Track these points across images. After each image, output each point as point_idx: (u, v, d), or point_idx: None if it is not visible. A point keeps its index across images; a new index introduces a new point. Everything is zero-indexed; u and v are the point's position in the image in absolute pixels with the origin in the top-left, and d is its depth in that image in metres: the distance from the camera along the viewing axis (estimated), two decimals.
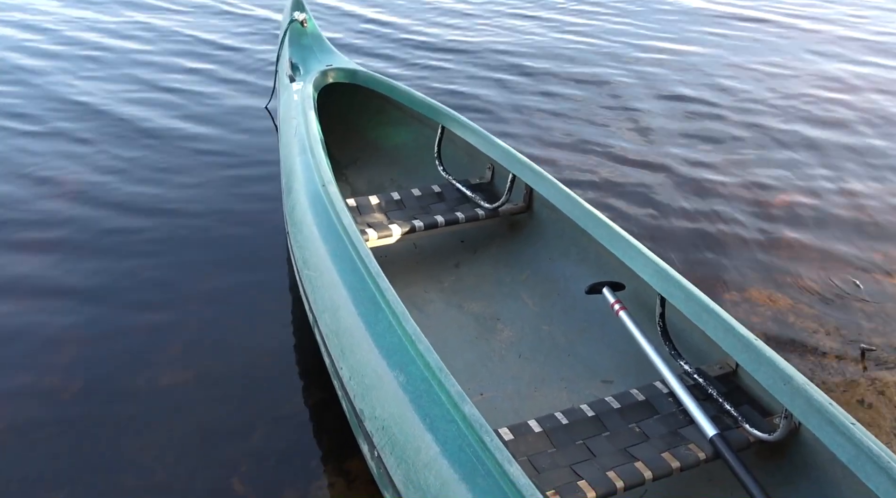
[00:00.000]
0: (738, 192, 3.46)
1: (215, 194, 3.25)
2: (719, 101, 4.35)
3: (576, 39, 5.17)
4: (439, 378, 1.64)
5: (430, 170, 3.08)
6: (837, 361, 2.54)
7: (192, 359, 2.38)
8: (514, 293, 2.60)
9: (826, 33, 5.55)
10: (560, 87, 4.42)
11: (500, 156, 2.69)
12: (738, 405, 1.91)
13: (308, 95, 2.84)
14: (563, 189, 2.45)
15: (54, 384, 2.27)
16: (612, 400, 1.96)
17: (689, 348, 2.13)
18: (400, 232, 2.56)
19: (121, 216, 3.06)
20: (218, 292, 2.67)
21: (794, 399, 1.71)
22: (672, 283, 2.04)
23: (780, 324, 2.67)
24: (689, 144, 3.85)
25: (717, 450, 1.78)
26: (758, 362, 1.80)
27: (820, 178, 3.61)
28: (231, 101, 4.07)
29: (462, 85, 4.38)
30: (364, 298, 1.91)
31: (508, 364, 2.34)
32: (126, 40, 4.81)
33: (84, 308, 2.57)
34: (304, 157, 2.50)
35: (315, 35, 3.39)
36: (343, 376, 1.89)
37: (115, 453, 2.07)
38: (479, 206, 2.72)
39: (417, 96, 3.03)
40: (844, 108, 4.36)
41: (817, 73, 4.80)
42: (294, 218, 2.37)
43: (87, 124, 3.76)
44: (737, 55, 5.04)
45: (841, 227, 3.25)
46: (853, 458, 1.56)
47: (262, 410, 2.22)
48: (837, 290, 2.86)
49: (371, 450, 1.76)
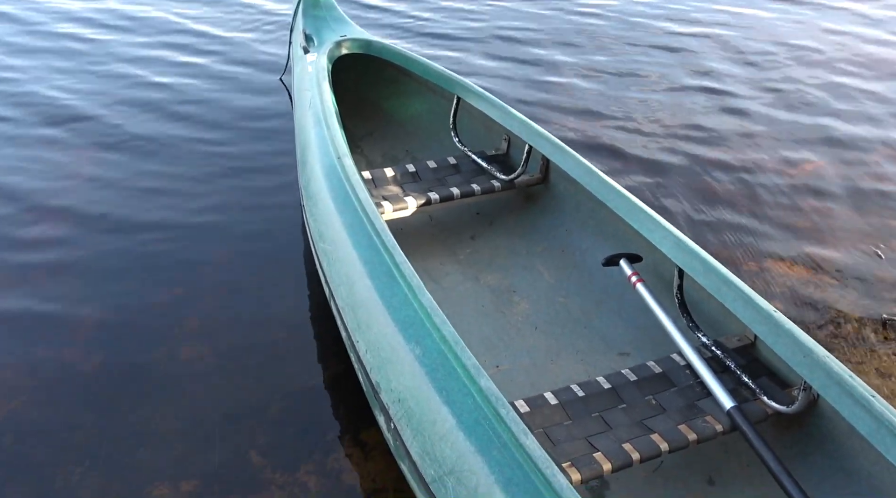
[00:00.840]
0: (762, 161, 3.40)
1: (229, 170, 3.24)
2: (740, 73, 4.26)
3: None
4: (455, 351, 1.63)
5: (446, 141, 3.06)
6: (857, 331, 2.51)
7: (209, 333, 2.40)
8: (531, 265, 2.59)
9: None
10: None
11: (517, 127, 2.66)
12: (756, 377, 1.90)
13: (322, 67, 2.82)
14: (581, 160, 2.42)
15: (75, 358, 2.30)
16: (629, 372, 1.95)
17: (707, 320, 2.12)
18: (415, 204, 2.55)
19: (138, 195, 3.07)
20: (234, 267, 2.68)
21: (812, 371, 1.69)
22: (691, 254, 2.01)
23: (800, 294, 2.64)
24: (713, 114, 3.79)
25: (735, 422, 1.78)
26: (777, 334, 1.78)
27: (843, 148, 3.54)
28: (244, 76, 4.05)
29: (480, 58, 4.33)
30: (380, 271, 1.91)
31: (524, 336, 2.34)
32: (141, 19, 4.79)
33: (103, 285, 2.59)
34: (319, 130, 2.48)
35: (329, 5, 3.35)
36: (359, 349, 1.90)
37: (134, 426, 2.09)
38: (494, 177, 2.70)
39: (433, 66, 3.00)
40: (868, 81, 4.26)
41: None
42: (309, 191, 2.36)
43: (101, 104, 3.76)
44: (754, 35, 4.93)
45: (863, 196, 3.19)
46: (873, 431, 1.55)
47: (280, 382, 2.23)
48: (859, 260, 2.82)
49: (387, 422, 1.77)
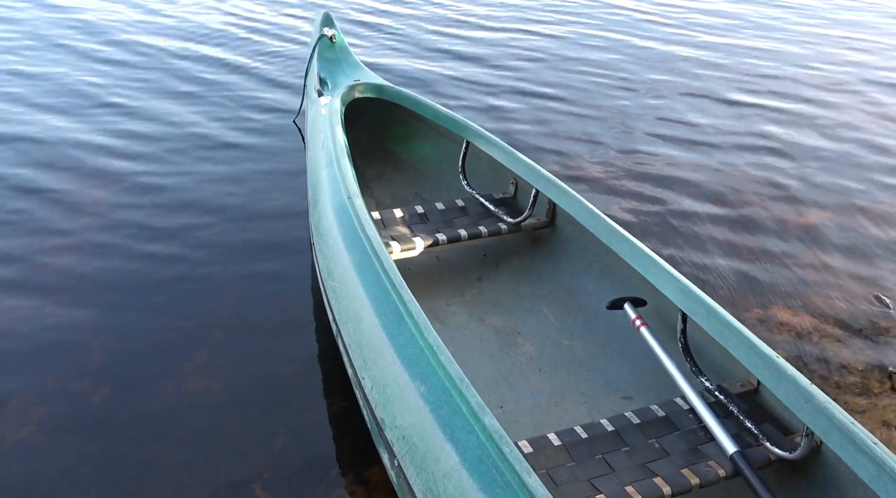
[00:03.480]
0: (769, 209, 3.44)
1: (241, 206, 3.30)
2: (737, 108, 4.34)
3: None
4: (460, 389, 1.66)
5: (454, 184, 3.11)
6: (862, 382, 2.51)
7: (217, 367, 2.42)
8: (536, 307, 2.62)
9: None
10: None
11: (524, 171, 2.71)
12: (759, 423, 1.91)
13: (336, 109, 2.89)
14: (586, 204, 2.47)
15: (84, 388, 2.32)
16: (632, 415, 1.96)
17: (710, 365, 2.13)
18: (423, 245, 2.59)
19: (151, 228, 3.13)
20: (243, 303, 2.72)
21: (815, 417, 1.70)
22: (694, 299, 2.04)
23: (805, 343, 2.66)
24: (713, 154, 3.85)
25: (738, 467, 1.78)
26: (779, 380, 1.79)
27: (852, 196, 3.58)
28: (260, 116, 4.14)
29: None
30: (387, 309, 1.94)
31: (528, 378, 2.35)
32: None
33: (114, 316, 2.63)
34: (331, 170, 2.54)
35: (343, 50, 3.45)
36: (365, 386, 1.92)
37: (140, 457, 2.11)
38: (502, 220, 2.75)
39: (443, 111, 3.07)
40: (870, 129, 4.33)
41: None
42: (320, 229, 2.41)
43: (125, 134, 3.85)
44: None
45: (870, 246, 3.22)
46: (875, 477, 1.56)
47: (285, 417, 2.25)
48: (865, 310, 2.84)
49: (391, 459, 1.78)
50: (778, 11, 6.48)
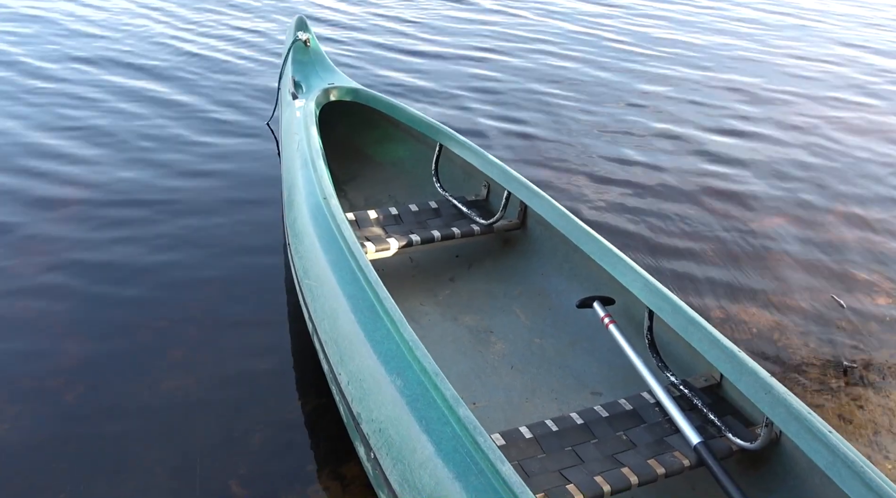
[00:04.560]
0: (729, 212, 3.55)
1: (214, 207, 3.32)
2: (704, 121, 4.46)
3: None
4: (435, 382, 1.70)
5: (428, 187, 3.16)
6: (820, 377, 2.61)
7: (191, 366, 2.44)
8: (507, 307, 2.68)
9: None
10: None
11: (497, 174, 2.77)
12: (721, 415, 1.98)
13: (310, 112, 2.93)
14: (557, 206, 2.53)
15: (57, 387, 2.33)
16: (601, 409, 2.03)
17: (676, 361, 2.21)
18: (397, 245, 2.64)
19: (124, 228, 3.13)
20: (217, 301, 2.73)
21: (774, 408, 1.78)
22: (660, 296, 2.12)
23: (765, 341, 2.75)
24: (676, 159, 3.95)
25: (701, 457, 1.85)
26: (741, 373, 1.87)
27: (810, 199, 3.70)
28: (233, 118, 4.16)
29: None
30: (363, 306, 1.98)
31: (501, 375, 2.41)
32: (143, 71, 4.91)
33: (87, 316, 2.63)
34: (306, 171, 2.58)
35: (318, 54, 3.49)
36: (341, 381, 1.96)
37: (116, 455, 2.12)
38: (474, 221, 2.80)
39: (417, 115, 3.12)
40: (825, 129, 4.48)
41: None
42: (295, 229, 2.44)
43: (92, 136, 3.83)
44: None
45: (826, 247, 3.34)
46: (830, 463, 1.64)
47: (261, 415, 2.27)
48: (821, 309, 2.95)
49: (367, 452, 1.82)
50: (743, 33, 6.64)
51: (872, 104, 4.98)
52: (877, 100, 5.06)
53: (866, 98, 5.07)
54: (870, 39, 6.39)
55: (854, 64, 5.73)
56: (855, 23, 6.86)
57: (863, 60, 5.83)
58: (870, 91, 5.20)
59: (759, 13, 6.94)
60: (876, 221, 3.58)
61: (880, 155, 4.26)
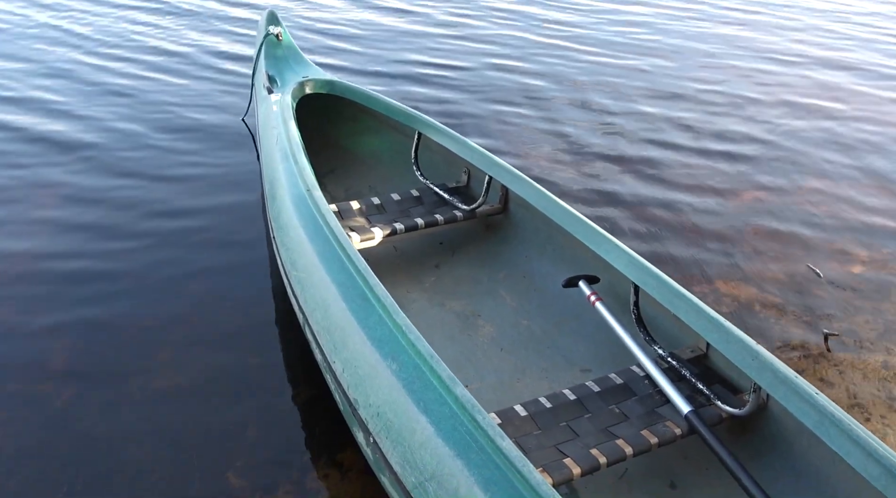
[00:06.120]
0: (706, 187, 3.61)
1: (194, 203, 3.30)
2: (683, 92, 4.52)
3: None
4: (430, 364, 1.72)
5: (408, 175, 3.18)
6: (801, 345, 2.68)
7: (182, 363, 2.43)
8: (493, 291, 2.70)
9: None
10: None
11: (477, 159, 2.80)
12: (709, 384, 2.03)
13: (287, 105, 2.93)
14: (538, 188, 2.56)
15: (46, 391, 2.31)
16: (592, 384, 2.06)
17: (662, 334, 2.25)
18: (381, 235, 2.65)
19: (103, 230, 3.10)
20: (202, 298, 2.72)
21: (761, 373, 1.83)
22: (645, 271, 2.15)
23: (747, 312, 2.81)
24: (655, 139, 4.00)
25: (693, 426, 1.90)
26: (727, 341, 1.92)
27: (783, 173, 3.78)
28: (205, 115, 4.13)
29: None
30: (354, 294, 1.99)
31: (491, 357, 2.44)
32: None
33: (74, 318, 2.61)
34: (287, 165, 2.58)
35: (290, 48, 3.47)
36: (336, 369, 1.97)
37: (110, 455, 2.11)
38: (457, 208, 2.82)
39: (394, 104, 3.13)
40: (807, 107, 4.57)
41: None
42: (280, 223, 2.45)
43: (76, 134, 3.79)
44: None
45: (802, 219, 3.41)
46: (818, 423, 1.69)
47: (254, 408, 2.28)
48: (800, 279, 3.01)
49: (366, 437, 1.84)
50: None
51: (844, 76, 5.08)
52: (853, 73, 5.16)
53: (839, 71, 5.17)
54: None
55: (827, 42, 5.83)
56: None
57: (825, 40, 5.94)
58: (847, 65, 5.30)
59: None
60: (846, 193, 3.66)
61: (844, 129, 4.35)
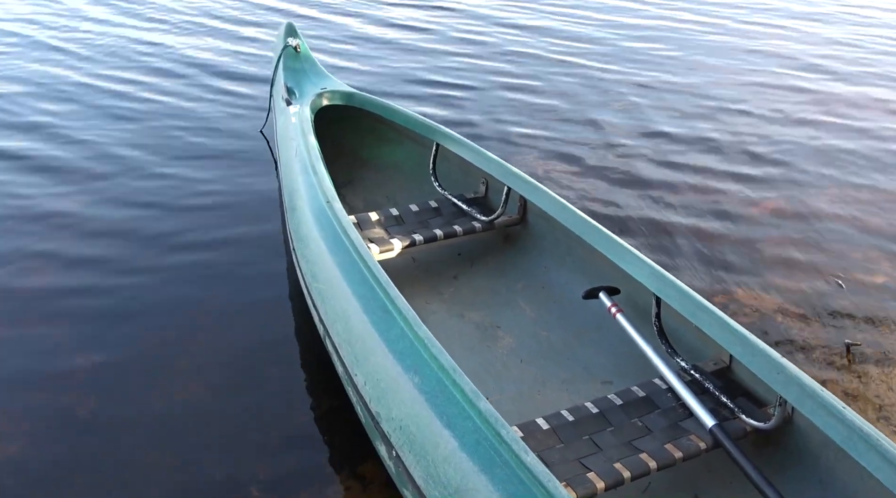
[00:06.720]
0: (727, 197, 3.59)
1: (213, 214, 3.32)
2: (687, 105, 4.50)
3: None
4: (453, 378, 1.72)
5: (426, 186, 3.18)
6: (824, 356, 2.65)
7: (203, 374, 2.44)
8: (513, 301, 2.70)
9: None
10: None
11: (495, 170, 2.80)
12: (733, 398, 2.01)
13: (306, 117, 2.94)
14: (557, 199, 2.56)
15: (69, 402, 2.32)
16: (614, 397, 2.05)
17: (685, 346, 2.24)
18: (400, 246, 2.65)
19: (129, 240, 3.13)
20: (222, 309, 2.74)
21: (787, 387, 1.81)
22: (666, 283, 2.14)
23: (768, 323, 2.79)
24: (673, 147, 3.99)
25: (717, 439, 1.88)
26: (752, 354, 1.90)
27: (804, 185, 3.75)
28: (223, 125, 4.16)
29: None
30: (375, 306, 1.99)
31: (510, 369, 2.43)
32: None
33: (95, 330, 2.63)
34: (307, 176, 2.59)
35: (308, 59, 3.49)
36: (357, 382, 1.97)
37: (133, 465, 2.12)
38: (475, 219, 2.82)
39: (412, 115, 3.14)
40: (821, 113, 4.53)
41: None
42: (300, 234, 2.45)
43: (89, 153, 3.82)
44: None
45: (823, 229, 3.38)
46: (846, 438, 1.66)
47: (276, 420, 2.28)
48: (821, 289, 2.99)
49: (389, 450, 1.83)
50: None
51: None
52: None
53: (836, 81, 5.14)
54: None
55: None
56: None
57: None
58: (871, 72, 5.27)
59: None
60: (868, 201, 3.63)
61: (870, 135, 4.31)
